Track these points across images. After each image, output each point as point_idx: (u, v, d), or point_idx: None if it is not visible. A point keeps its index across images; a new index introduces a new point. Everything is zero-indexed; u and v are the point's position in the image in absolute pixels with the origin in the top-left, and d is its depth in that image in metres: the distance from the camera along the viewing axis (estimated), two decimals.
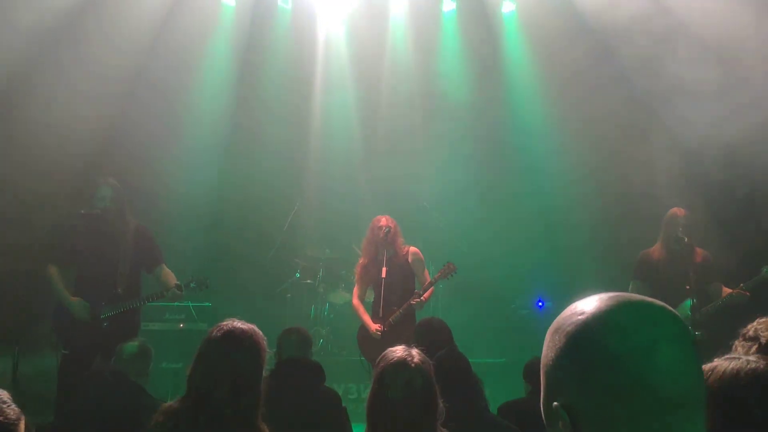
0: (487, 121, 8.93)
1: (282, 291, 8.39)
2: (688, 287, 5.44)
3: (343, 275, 8.31)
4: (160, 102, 8.31)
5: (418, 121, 9.01)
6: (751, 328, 2.80)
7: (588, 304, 1.01)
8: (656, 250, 5.96)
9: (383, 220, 5.90)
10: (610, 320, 0.97)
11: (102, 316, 4.96)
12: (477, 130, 8.95)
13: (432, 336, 3.69)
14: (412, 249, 5.95)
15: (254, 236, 8.58)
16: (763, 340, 2.69)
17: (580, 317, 1.00)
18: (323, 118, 9.11)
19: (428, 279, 5.79)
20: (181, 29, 8.44)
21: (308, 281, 8.40)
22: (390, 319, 5.58)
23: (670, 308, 1.01)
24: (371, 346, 5.56)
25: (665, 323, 0.97)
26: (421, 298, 5.62)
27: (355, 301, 6.03)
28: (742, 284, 5.57)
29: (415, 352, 2.40)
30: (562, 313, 1.05)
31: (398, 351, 2.40)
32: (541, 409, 1.05)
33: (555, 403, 1.00)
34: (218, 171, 8.63)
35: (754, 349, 2.68)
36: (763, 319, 2.74)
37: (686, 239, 5.63)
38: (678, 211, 5.85)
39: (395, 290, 5.69)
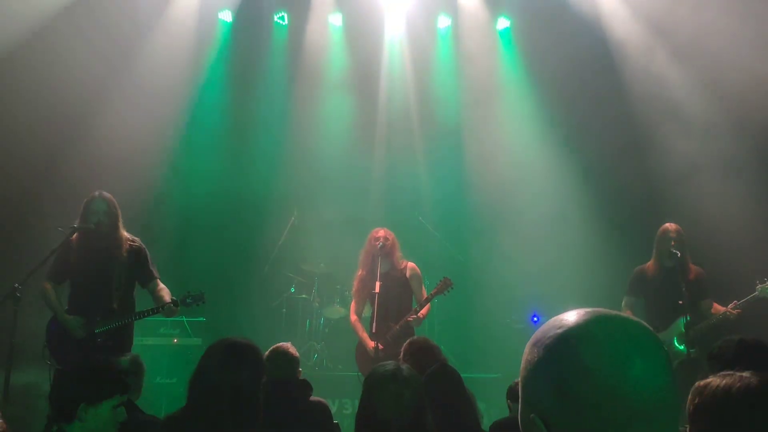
0: (483, 136, 8.97)
1: (277, 306, 8.37)
2: (681, 303, 5.44)
3: (338, 290, 8.30)
4: (157, 115, 8.35)
5: (414, 135, 9.05)
6: (715, 348, 2.85)
7: (567, 319, 1.04)
8: (650, 266, 5.97)
9: (381, 232, 5.89)
10: (586, 334, 1.00)
11: (96, 331, 4.93)
12: (472, 145, 8.98)
13: (421, 356, 3.67)
14: (410, 264, 5.92)
15: (249, 251, 8.58)
16: (729, 356, 2.76)
17: (558, 331, 1.03)
18: (319, 133, 9.13)
19: (425, 295, 5.76)
20: (180, 45, 8.51)
21: (303, 296, 8.39)
22: (387, 337, 5.53)
23: (646, 324, 1.04)
24: (369, 363, 5.52)
25: (639, 338, 1.00)
26: (419, 315, 5.58)
27: (353, 317, 5.98)
28: (736, 302, 5.57)
29: (404, 366, 2.41)
30: (542, 327, 1.08)
31: (387, 366, 2.42)
32: (519, 420, 1.08)
33: (532, 414, 1.03)
34: (213, 186, 8.64)
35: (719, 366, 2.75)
36: (728, 338, 2.78)
37: (679, 254, 5.64)
38: (670, 226, 5.87)
39: (392, 306, 5.64)
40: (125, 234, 5.19)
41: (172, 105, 8.51)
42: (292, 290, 8.42)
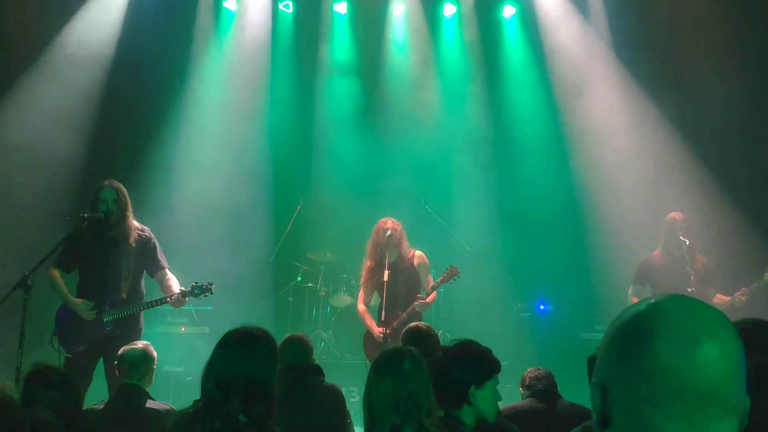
0: (490, 124, 8.96)
1: (283, 294, 8.40)
2: (690, 290, 5.44)
3: (344, 278, 8.31)
4: (164, 104, 8.37)
5: (420, 123, 9.03)
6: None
7: (650, 299, 1.08)
8: (657, 255, 5.96)
9: (388, 223, 5.88)
10: (660, 310, 1.03)
11: (105, 320, 4.95)
12: (480, 133, 8.97)
13: (420, 342, 3.69)
14: (418, 253, 5.94)
15: (256, 240, 8.59)
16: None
17: (638, 307, 1.07)
18: (325, 120, 9.13)
19: (432, 283, 5.78)
20: (184, 33, 8.52)
21: (310, 285, 8.41)
22: (394, 324, 5.56)
23: (725, 315, 1.05)
24: (377, 351, 5.55)
25: (713, 324, 1.01)
26: (425, 300, 5.61)
27: (360, 306, 6.00)
28: (745, 288, 5.56)
29: (409, 348, 2.49)
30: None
31: (391, 347, 2.50)
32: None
33: (595, 379, 1.08)
34: (219, 174, 8.64)
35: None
36: (745, 319, 2.77)
37: (687, 242, 5.64)
38: (677, 215, 5.85)
39: (400, 294, 5.68)
40: (135, 223, 5.18)
41: (178, 94, 8.53)
42: (299, 279, 8.44)
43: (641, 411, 0.99)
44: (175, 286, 5.14)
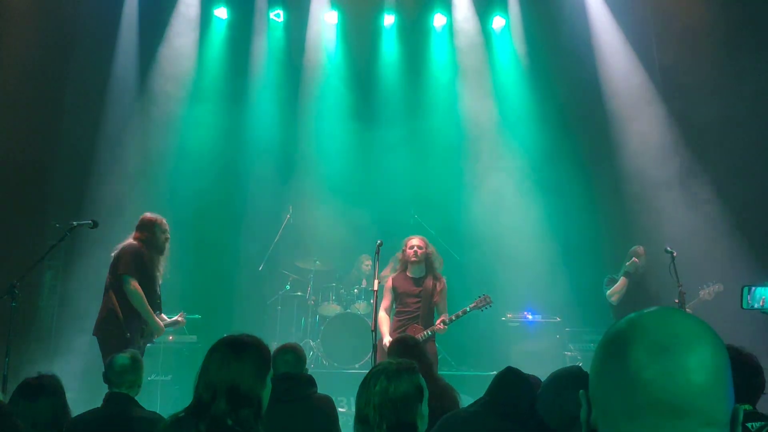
0: (480, 134, 9.01)
1: (272, 303, 8.38)
2: (676, 301, 5.77)
3: (333, 287, 8.31)
4: (153, 111, 8.37)
5: (409, 132, 9.07)
6: None
7: (635, 312, 1.07)
8: (621, 278, 6.67)
9: (413, 240, 6.06)
10: (638, 323, 1.03)
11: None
12: (470, 143, 9.02)
13: (406, 352, 3.76)
14: (443, 279, 6.21)
15: (245, 248, 8.58)
16: None
17: (624, 318, 1.06)
18: (314, 130, 9.15)
19: (446, 308, 6.05)
20: (175, 41, 8.53)
21: (298, 293, 8.40)
22: (419, 336, 5.73)
23: (709, 327, 1.03)
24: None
25: (689, 335, 0.99)
26: (448, 323, 5.91)
27: (381, 314, 6.19)
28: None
29: (399, 361, 2.49)
30: None
31: (383, 362, 2.50)
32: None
33: (582, 390, 1.08)
34: (208, 183, 8.64)
35: None
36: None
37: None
38: (641, 249, 6.69)
39: (423, 310, 5.99)
40: None
41: (166, 102, 8.53)
42: (287, 288, 8.42)
43: (617, 423, 0.98)
44: None
